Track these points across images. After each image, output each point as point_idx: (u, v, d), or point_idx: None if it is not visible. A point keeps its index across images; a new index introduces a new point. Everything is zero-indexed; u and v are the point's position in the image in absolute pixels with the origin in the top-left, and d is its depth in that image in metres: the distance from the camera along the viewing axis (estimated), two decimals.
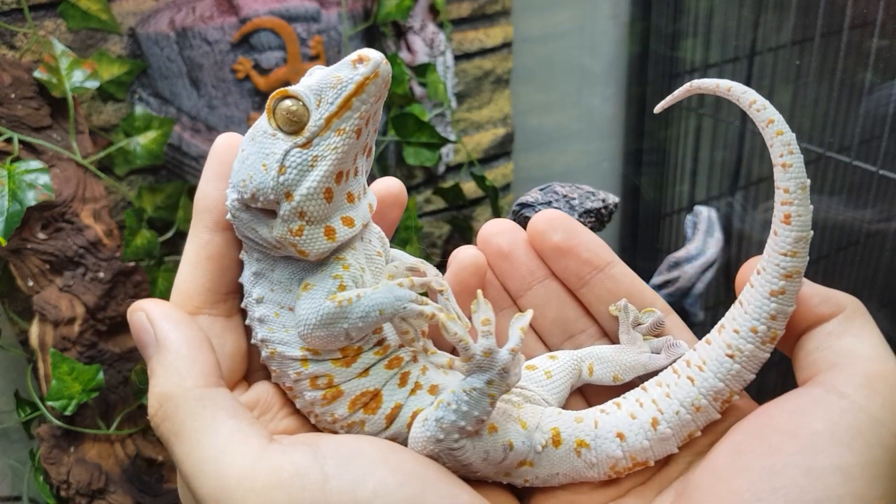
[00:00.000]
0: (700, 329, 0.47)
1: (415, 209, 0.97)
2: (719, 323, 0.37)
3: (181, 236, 0.84)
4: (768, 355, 0.35)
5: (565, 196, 0.67)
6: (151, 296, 0.79)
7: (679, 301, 0.72)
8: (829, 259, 1.08)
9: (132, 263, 0.75)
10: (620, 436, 0.36)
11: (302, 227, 0.33)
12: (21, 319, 0.77)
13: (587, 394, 0.42)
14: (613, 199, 0.67)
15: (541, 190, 0.67)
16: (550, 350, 0.42)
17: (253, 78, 0.82)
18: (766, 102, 0.33)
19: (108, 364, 0.74)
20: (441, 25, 0.93)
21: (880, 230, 0.97)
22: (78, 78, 0.72)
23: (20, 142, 0.69)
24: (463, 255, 0.40)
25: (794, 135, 0.33)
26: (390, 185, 0.40)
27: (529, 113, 1.09)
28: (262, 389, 0.37)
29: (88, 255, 0.72)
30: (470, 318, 0.35)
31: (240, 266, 0.36)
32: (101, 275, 0.73)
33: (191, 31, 0.79)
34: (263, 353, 0.36)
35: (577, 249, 0.40)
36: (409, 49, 0.91)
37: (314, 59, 0.84)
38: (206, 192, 0.36)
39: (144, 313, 0.34)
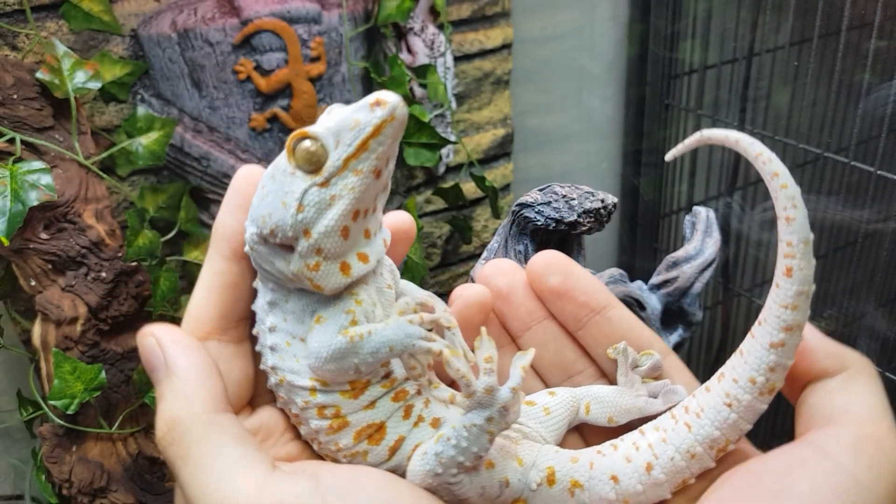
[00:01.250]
0: (698, 329, 0.47)
1: (415, 210, 0.97)
2: (719, 371, 0.37)
3: (183, 236, 0.84)
4: (766, 407, 0.35)
5: (564, 196, 0.67)
6: (154, 296, 0.80)
7: (677, 301, 0.72)
8: (827, 259, 1.08)
9: (134, 263, 0.75)
10: (615, 478, 0.37)
11: (319, 262, 0.33)
12: (23, 319, 0.77)
13: (585, 433, 0.42)
14: (612, 199, 0.67)
15: (540, 190, 0.68)
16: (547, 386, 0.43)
17: (254, 79, 0.82)
18: (772, 155, 0.33)
19: (110, 363, 0.74)
20: (441, 27, 0.93)
21: (878, 230, 0.97)
22: (80, 79, 0.72)
23: (22, 142, 0.69)
24: (469, 294, 0.40)
25: (798, 188, 0.33)
26: (401, 219, 0.40)
27: (529, 114, 1.09)
28: (265, 415, 0.38)
29: (91, 256, 0.73)
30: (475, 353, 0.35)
31: (253, 294, 0.37)
32: (104, 275, 0.73)
33: (192, 32, 0.79)
34: (272, 380, 0.36)
35: (574, 292, 0.40)
36: (410, 50, 0.92)
37: (315, 60, 0.84)
38: (224, 222, 0.36)
39: (154, 338, 0.34)
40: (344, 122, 0.33)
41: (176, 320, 0.85)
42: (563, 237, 0.68)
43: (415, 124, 0.90)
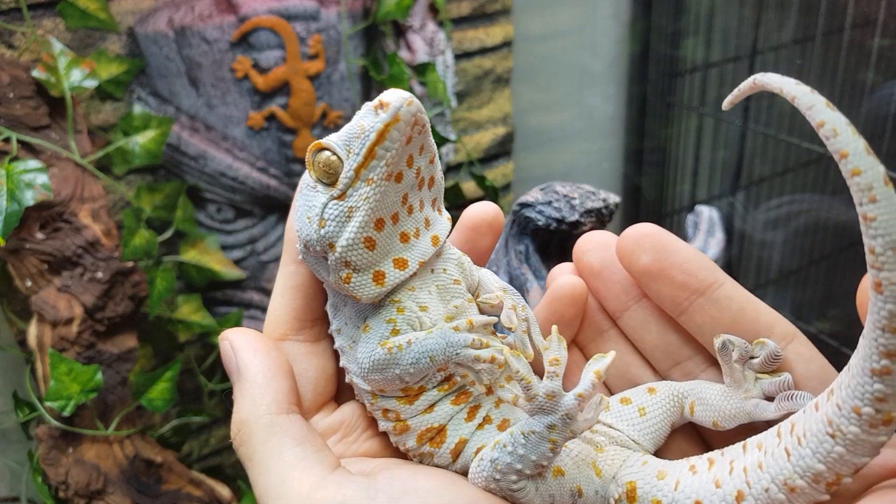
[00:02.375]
0: None
1: None
2: (832, 383, 0.30)
3: (179, 236, 0.84)
4: (886, 438, 0.28)
5: (566, 196, 0.66)
6: (150, 296, 0.79)
7: None
8: (831, 259, 1.08)
9: (130, 263, 0.75)
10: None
11: (349, 274, 0.33)
12: (19, 320, 0.77)
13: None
14: (614, 198, 0.67)
15: (541, 190, 0.67)
16: (659, 375, 0.38)
17: (252, 77, 0.81)
18: (839, 122, 0.26)
19: (106, 364, 0.74)
20: (441, 24, 0.92)
21: None
22: (76, 77, 0.72)
23: (18, 141, 0.69)
24: (560, 284, 0.37)
25: (880, 171, 0.25)
26: (485, 211, 0.38)
27: (530, 112, 1.08)
28: (348, 410, 0.38)
29: (87, 255, 0.72)
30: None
31: (325, 294, 0.38)
32: (100, 275, 0.73)
33: (189, 29, 0.79)
34: (347, 377, 0.37)
35: (670, 272, 0.34)
36: (409, 48, 0.91)
37: (313, 58, 0.83)
38: (291, 226, 0.36)
39: (229, 342, 0.36)
40: (352, 129, 0.32)
41: (173, 321, 0.84)
42: (565, 237, 0.68)
43: None
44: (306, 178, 0.34)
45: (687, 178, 1.18)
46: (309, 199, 0.33)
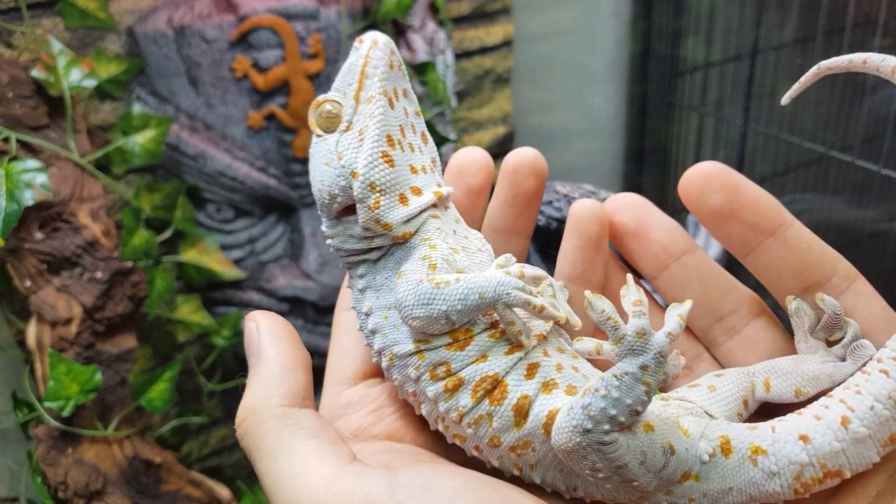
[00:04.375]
0: None
1: None
2: None
3: (179, 236, 0.84)
4: None
5: (566, 195, 0.66)
6: (149, 296, 0.79)
7: None
8: None
9: (130, 263, 0.75)
10: (804, 438, 0.31)
11: (378, 199, 0.34)
12: (18, 320, 0.77)
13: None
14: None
15: None
16: (697, 337, 0.38)
17: (251, 76, 0.81)
18: None
19: (105, 365, 0.74)
20: (441, 23, 0.92)
21: (882, 230, 0.96)
22: (75, 77, 0.72)
23: (18, 141, 0.68)
24: (580, 208, 0.37)
25: None
26: (524, 154, 0.39)
27: (530, 111, 1.08)
28: (383, 388, 0.38)
29: (86, 255, 0.72)
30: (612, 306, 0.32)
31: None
32: (99, 275, 0.72)
33: (189, 29, 0.78)
34: (384, 364, 0.35)
35: (743, 212, 0.34)
36: (409, 47, 0.91)
37: (313, 57, 0.83)
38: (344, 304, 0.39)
39: (255, 324, 0.35)
40: (341, 73, 0.36)
41: (172, 322, 0.84)
42: None
43: None
44: (313, 140, 0.36)
45: None
46: (320, 149, 0.35)
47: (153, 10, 0.78)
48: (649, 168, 1.21)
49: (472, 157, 0.38)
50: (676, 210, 1.20)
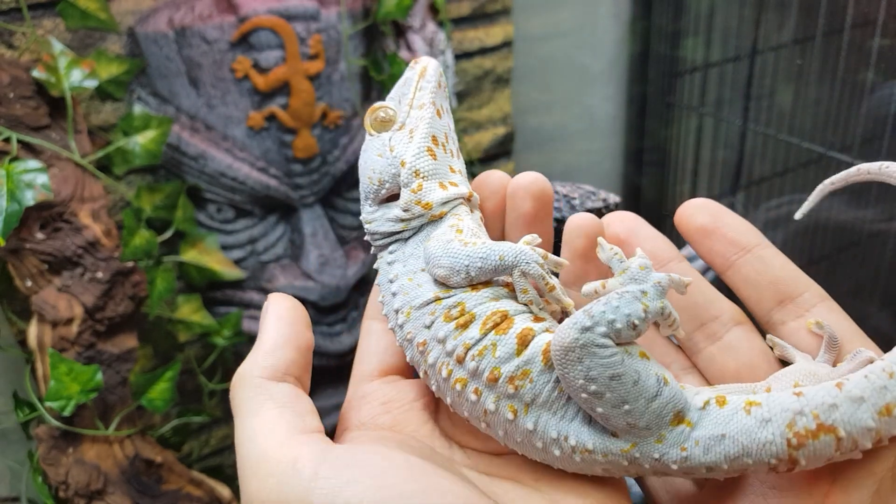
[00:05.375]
0: None
1: None
2: None
3: (179, 236, 0.84)
4: None
5: (566, 196, 0.66)
6: (150, 296, 0.79)
7: None
8: (831, 259, 1.08)
9: (130, 263, 0.75)
10: (798, 394, 0.31)
11: (420, 183, 0.39)
12: (19, 319, 0.77)
13: None
14: (614, 198, 0.67)
15: None
16: (680, 342, 0.40)
17: (252, 77, 0.81)
18: None
19: (106, 365, 0.74)
20: (441, 24, 0.92)
21: (881, 230, 0.96)
22: (76, 77, 0.72)
23: (18, 141, 0.69)
24: (570, 223, 0.40)
25: None
26: (521, 178, 0.41)
27: (530, 112, 1.08)
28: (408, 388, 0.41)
29: (87, 255, 0.72)
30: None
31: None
32: (100, 275, 0.73)
33: (189, 30, 0.79)
34: (399, 321, 0.38)
35: (723, 230, 0.39)
36: (409, 48, 0.91)
37: (313, 58, 0.83)
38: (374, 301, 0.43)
39: (267, 303, 0.39)
40: (397, 86, 0.43)
41: (173, 321, 0.84)
42: None
43: None
44: (367, 140, 0.42)
45: (687, 178, 1.18)
46: (373, 144, 0.41)
47: (154, 10, 0.78)
48: (649, 168, 1.21)
49: (488, 180, 0.42)
50: (675, 210, 1.20)
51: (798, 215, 0.40)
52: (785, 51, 1.00)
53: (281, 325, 0.37)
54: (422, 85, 0.42)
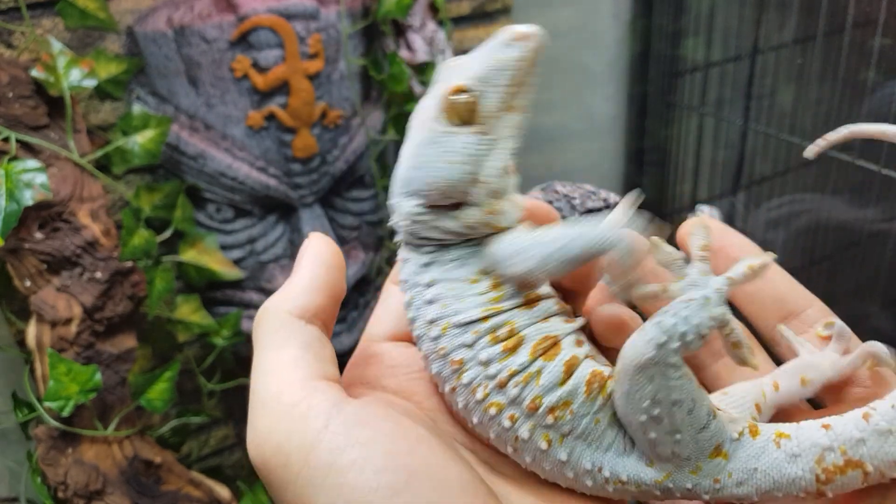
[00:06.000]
0: None
1: None
2: None
3: (179, 236, 0.84)
4: None
5: (566, 195, 0.66)
6: (149, 296, 0.79)
7: None
8: (832, 259, 1.07)
9: (129, 263, 0.75)
10: (826, 426, 0.31)
11: (496, 207, 0.34)
12: (18, 320, 0.77)
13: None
14: (615, 198, 0.66)
15: (541, 189, 0.67)
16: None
17: (251, 76, 0.81)
18: None
19: (105, 365, 0.74)
20: (441, 23, 0.92)
21: (882, 230, 0.96)
22: (75, 77, 0.72)
23: (17, 141, 0.68)
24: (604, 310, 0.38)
25: None
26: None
27: (530, 112, 1.08)
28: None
29: (86, 255, 0.72)
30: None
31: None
32: (99, 275, 0.72)
33: (189, 29, 0.78)
34: (433, 334, 0.34)
35: (727, 249, 0.39)
36: (409, 47, 0.91)
37: (313, 57, 0.83)
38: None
39: (308, 241, 0.37)
40: (489, 65, 0.33)
41: (172, 321, 0.84)
42: None
43: None
44: (434, 127, 0.34)
45: (688, 178, 1.18)
46: (445, 144, 0.33)
47: (153, 10, 0.78)
48: (649, 168, 1.21)
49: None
50: (676, 210, 1.20)
51: (808, 153, 0.38)
52: (786, 50, 1.00)
53: (320, 267, 0.36)
54: (526, 80, 0.34)
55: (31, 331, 0.73)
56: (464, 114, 0.33)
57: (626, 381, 0.31)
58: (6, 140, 0.68)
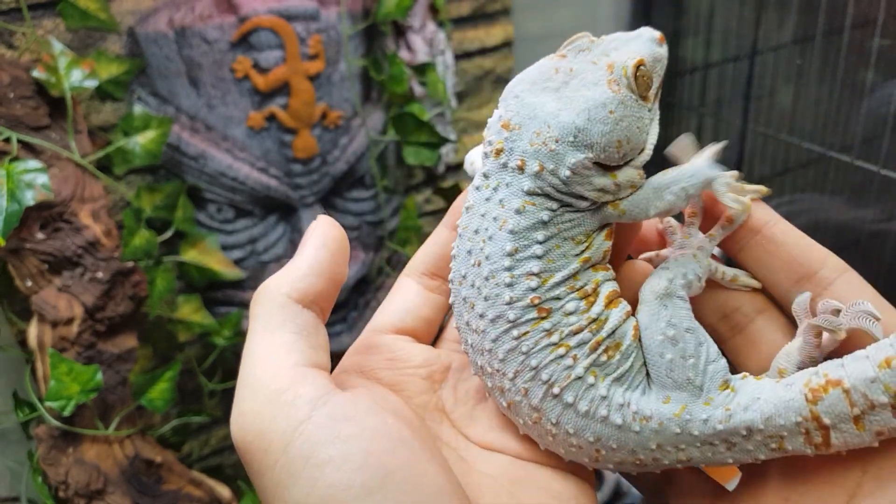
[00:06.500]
0: None
1: (415, 209, 0.96)
2: None
3: (180, 236, 0.84)
4: None
5: None
6: (150, 296, 0.79)
7: None
8: None
9: (130, 263, 0.75)
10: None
11: (641, 173, 0.38)
12: (19, 320, 0.77)
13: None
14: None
15: None
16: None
17: (252, 77, 0.81)
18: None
19: (106, 364, 0.74)
20: (441, 24, 0.92)
21: (881, 230, 0.96)
22: (76, 77, 0.72)
23: (19, 141, 0.69)
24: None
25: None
26: None
27: None
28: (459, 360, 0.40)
29: (87, 255, 0.72)
30: None
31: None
32: (100, 275, 0.73)
33: (190, 30, 0.79)
34: (531, 284, 0.35)
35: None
36: (409, 48, 0.91)
37: (313, 58, 0.83)
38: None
39: (314, 224, 0.37)
40: (653, 54, 0.38)
41: (173, 321, 0.84)
42: None
43: (414, 123, 0.89)
44: (621, 93, 0.37)
45: None
46: (635, 111, 0.37)
47: (154, 10, 0.78)
48: (649, 168, 1.21)
49: None
50: None
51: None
52: (785, 51, 1.00)
53: (323, 252, 0.35)
54: (660, 75, 0.39)
55: (33, 331, 0.73)
56: (644, 87, 0.38)
57: (646, 311, 0.36)
58: (7, 140, 0.68)
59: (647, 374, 0.36)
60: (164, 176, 0.84)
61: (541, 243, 0.36)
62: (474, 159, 0.43)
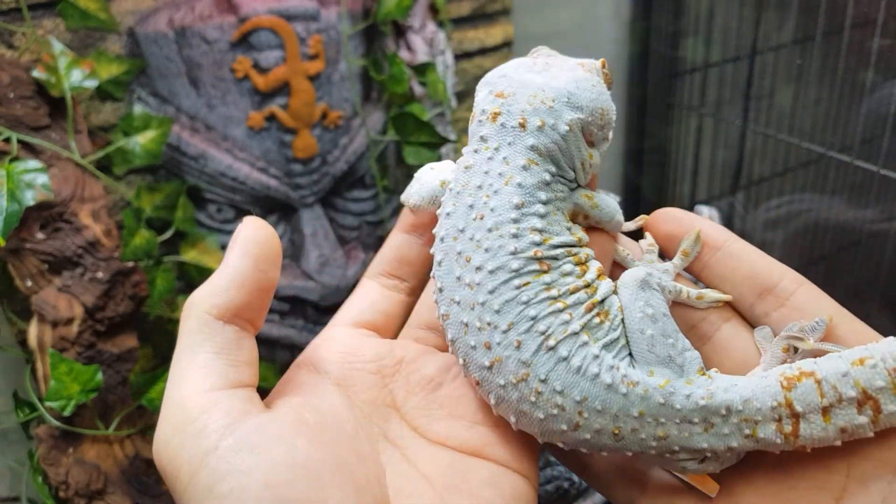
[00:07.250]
0: None
1: None
2: None
3: (180, 236, 0.84)
4: None
5: None
6: (150, 296, 0.79)
7: None
8: (830, 259, 1.08)
9: (131, 263, 0.75)
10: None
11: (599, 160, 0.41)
12: (19, 319, 0.77)
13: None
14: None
15: None
16: None
17: (252, 77, 0.81)
18: None
19: (106, 364, 0.74)
20: (441, 24, 0.92)
21: (881, 230, 0.96)
22: (76, 77, 0.72)
23: (19, 141, 0.69)
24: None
25: None
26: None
27: None
28: (434, 365, 0.41)
29: (87, 255, 0.72)
30: None
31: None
32: (100, 275, 0.73)
33: (190, 30, 0.79)
34: (534, 239, 0.37)
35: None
36: (409, 48, 0.91)
37: (313, 58, 0.83)
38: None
39: (240, 228, 0.36)
40: (598, 67, 0.42)
41: (173, 321, 0.84)
42: None
43: (414, 123, 0.89)
44: (592, 78, 0.40)
45: (687, 178, 1.18)
46: (608, 95, 0.41)
47: (154, 10, 0.78)
48: (649, 168, 1.21)
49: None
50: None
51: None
52: (785, 51, 1.00)
53: (245, 261, 0.35)
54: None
55: (33, 331, 0.73)
56: (607, 82, 0.41)
57: (626, 292, 0.38)
58: (7, 140, 0.68)
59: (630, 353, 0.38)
60: (164, 176, 0.84)
61: (543, 204, 0.38)
62: (423, 178, 0.47)
